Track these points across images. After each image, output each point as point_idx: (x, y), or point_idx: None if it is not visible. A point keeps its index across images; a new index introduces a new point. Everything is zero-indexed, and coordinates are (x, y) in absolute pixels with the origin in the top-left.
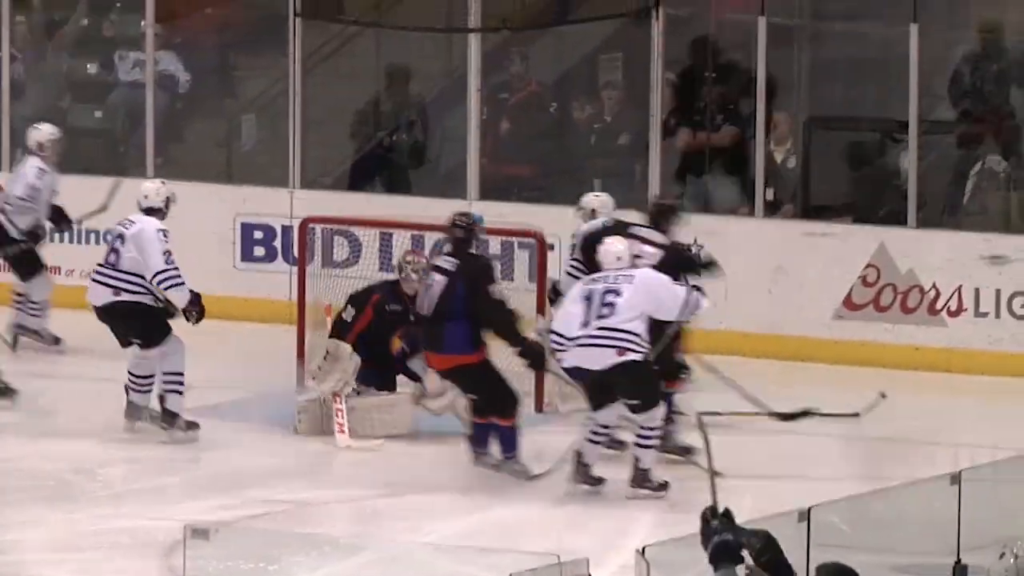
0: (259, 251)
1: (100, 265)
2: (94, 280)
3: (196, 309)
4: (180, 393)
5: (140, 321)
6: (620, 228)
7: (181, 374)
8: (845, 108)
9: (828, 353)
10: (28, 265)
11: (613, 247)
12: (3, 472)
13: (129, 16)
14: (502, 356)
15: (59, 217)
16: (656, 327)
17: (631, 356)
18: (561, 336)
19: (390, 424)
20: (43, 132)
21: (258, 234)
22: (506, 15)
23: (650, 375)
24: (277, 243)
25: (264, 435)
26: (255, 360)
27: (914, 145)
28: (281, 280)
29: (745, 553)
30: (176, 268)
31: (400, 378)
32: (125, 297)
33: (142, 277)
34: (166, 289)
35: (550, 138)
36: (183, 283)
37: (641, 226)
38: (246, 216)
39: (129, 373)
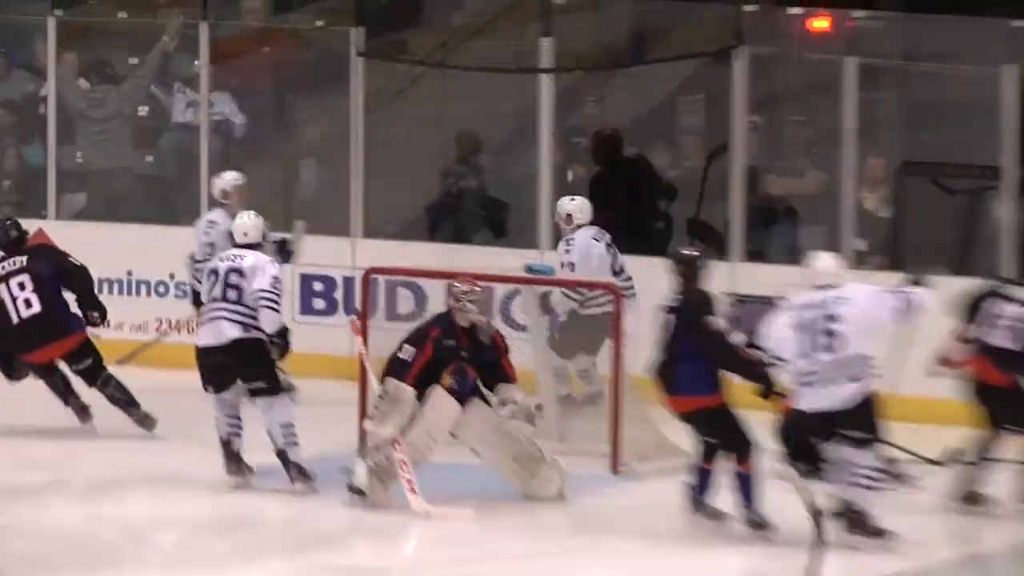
0: (319, 304)
1: (219, 302)
2: (217, 318)
3: (284, 342)
4: (298, 444)
5: (267, 361)
6: (999, 285)
7: (294, 425)
8: (936, 153)
9: (920, 412)
10: None
11: (825, 263)
12: (48, 538)
13: (182, 56)
14: None
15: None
16: None
17: (870, 381)
18: (782, 360)
19: (443, 419)
20: (225, 180)
21: (318, 286)
22: (579, 54)
23: (880, 407)
24: (338, 295)
25: (324, 495)
26: (315, 417)
27: (1011, 192)
28: (342, 334)
29: None
30: (279, 295)
31: None
32: (255, 334)
33: None
34: (262, 307)
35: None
36: (279, 312)
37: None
38: (305, 267)
39: (231, 418)
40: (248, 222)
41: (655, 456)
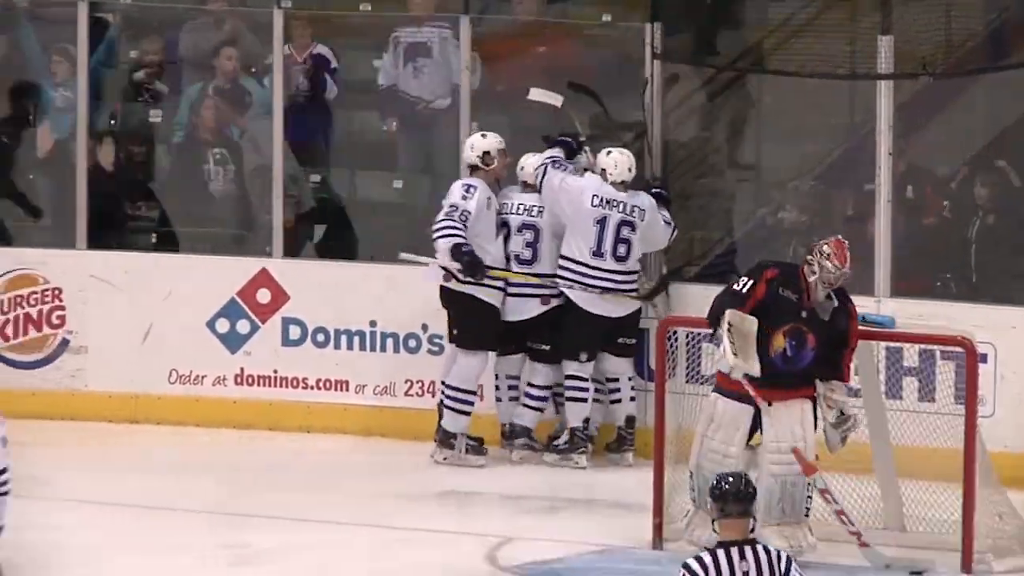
0: None
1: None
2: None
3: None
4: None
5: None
6: None
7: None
8: None
9: None
10: None
11: None
12: None
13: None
14: None
15: None
16: None
17: None
18: None
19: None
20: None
21: None
22: (926, 56)
23: None
24: None
25: None
26: (600, 503)
27: None
28: None
29: None
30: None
31: None
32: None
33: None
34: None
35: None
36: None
37: None
38: None
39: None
40: (471, 139)
41: (1019, 550)
